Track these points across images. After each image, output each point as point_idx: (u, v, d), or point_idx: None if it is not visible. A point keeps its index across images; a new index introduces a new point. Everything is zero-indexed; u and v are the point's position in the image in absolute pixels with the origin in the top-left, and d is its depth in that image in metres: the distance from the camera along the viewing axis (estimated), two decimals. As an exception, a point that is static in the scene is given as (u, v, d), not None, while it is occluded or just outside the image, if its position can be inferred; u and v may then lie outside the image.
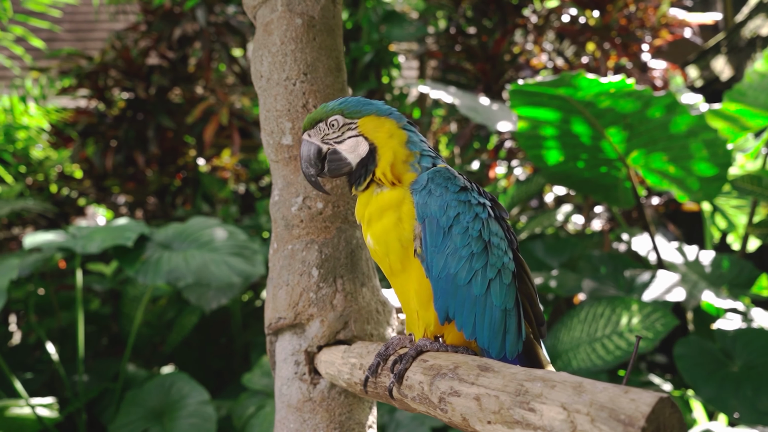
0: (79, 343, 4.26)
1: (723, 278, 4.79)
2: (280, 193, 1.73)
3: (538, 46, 6.44)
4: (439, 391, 1.17)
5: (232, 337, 5.56)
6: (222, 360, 5.59)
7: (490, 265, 1.30)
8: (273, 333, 1.74)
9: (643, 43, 6.05)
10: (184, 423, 3.63)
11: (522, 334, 1.31)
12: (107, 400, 4.41)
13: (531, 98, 3.97)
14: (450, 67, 6.51)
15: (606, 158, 4.38)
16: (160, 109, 6.25)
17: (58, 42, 9.61)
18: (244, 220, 6.17)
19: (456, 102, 4.57)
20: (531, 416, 0.99)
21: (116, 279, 5.53)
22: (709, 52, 7.60)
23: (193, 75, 6.56)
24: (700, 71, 7.44)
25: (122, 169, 6.46)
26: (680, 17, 6.14)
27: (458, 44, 6.49)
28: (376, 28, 6.74)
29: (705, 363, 3.80)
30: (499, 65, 6.12)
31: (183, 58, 6.52)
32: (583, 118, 4.03)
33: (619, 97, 3.77)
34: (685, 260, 4.82)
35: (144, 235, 4.12)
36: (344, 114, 1.38)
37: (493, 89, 6.10)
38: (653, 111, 3.83)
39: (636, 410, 0.87)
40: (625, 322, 3.91)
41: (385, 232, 1.34)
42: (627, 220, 5.99)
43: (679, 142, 4.03)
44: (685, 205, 5.94)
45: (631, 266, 4.67)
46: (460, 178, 1.35)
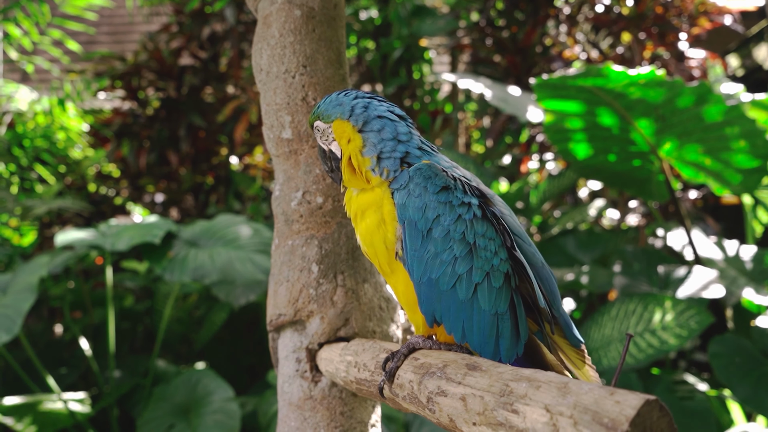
0: (110, 339, 4.33)
1: (765, 274, 4.60)
2: (280, 188, 1.71)
3: (571, 38, 6.30)
4: (427, 390, 1.13)
5: (262, 334, 5.59)
6: (253, 356, 5.62)
7: (477, 268, 1.22)
8: (274, 330, 1.71)
9: (680, 32, 5.87)
10: (209, 419, 3.65)
11: (521, 336, 1.24)
12: (138, 395, 4.47)
13: (557, 91, 3.87)
14: (480, 61, 6.42)
15: (638, 151, 4.25)
16: (192, 109, 6.33)
17: (97, 45, 9.83)
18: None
19: (485, 92, 4.49)
20: (514, 418, 0.94)
21: (149, 276, 5.61)
22: (752, 40, 7.32)
23: (225, 74, 6.62)
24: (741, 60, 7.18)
25: (156, 168, 6.57)
26: (720, 4, 5.93)
27: (489, 37, 6.39)
28: (405, 23, 6.69)
29: (741, 362, 3.66)
30: (529, 57, 6.01)
31: (214, 57, 6.59)
32: (612, 110, 3.92)
33: (649, 87, 3.64)
34: (724, 255, 4.65)
35: (171, 233, 4.16)
36: (321, 119, 1.38)
37: (523, 82, 5.99)
38: (684, 101, 3.69)
39: (620, 413, 0.81)
40: (657, 320, 3.78)
41: (370, 234, 1.30)
42: (664, 215, 5.82)
43: (714, 133, 3.88)
44: (724, 198, 5.74)
45: (665, 262, 4.53)
46: (443, 176, 1.27)
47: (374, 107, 1.35)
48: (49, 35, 6.26)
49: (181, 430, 3.65)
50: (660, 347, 3.70)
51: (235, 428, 3.55)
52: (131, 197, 6.99)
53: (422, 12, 6.79)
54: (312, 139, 1.67)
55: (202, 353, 5.46)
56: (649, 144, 4.09)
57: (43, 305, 5.80)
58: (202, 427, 3.59)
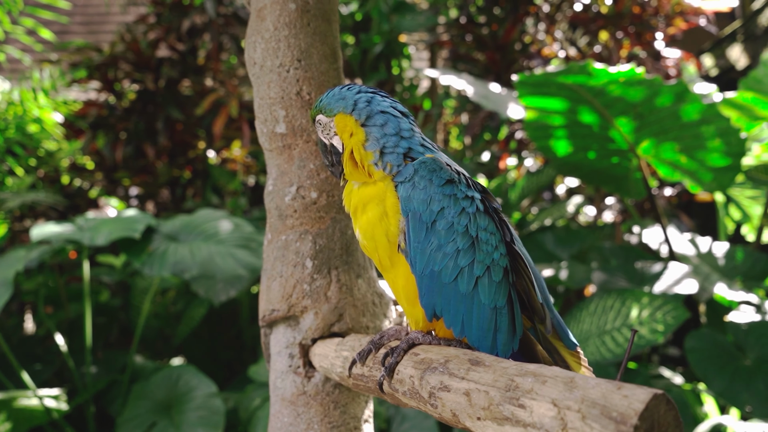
0: (87, 334, 4.27)
1: (737, 270, 4.71)
2: (274, 183, 1.70)
3: (549, 36, 6.35)
4: (429, 385, 1.13)
5: (241, 329, 5.56)
6: (231, 352, 5.59)
7: (478, 261, 1.24)
8: (267, 325, 1.70)
9: (656, 31, 5.95)
10: (192, 416, 3.62)
11: (517, 332, 1.26)
12: (115, 391, 4.41)
13: (539, 88, 3.90)
14: (460, 57, 6.45)
15: (617, 149, 4.30)
16: (169, 101, 6.25)
17: (70, 35, 9.64)
18: (253, 212, 6.15)
19: (466, 88, 4.51)
20: (521, 413, 0.95)
21: (126, 271, 5.54)
22: (725, 40, 7.46)
23: (203, 67, 6.54)
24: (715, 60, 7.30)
25: (132, 161, 6.47)
26: (695, 5, 6.03)
27: (468, 34, 6.41)
28: (386, 18, 6.68)
29: (717, 356, 3.74)
30: (509, 54, 6.05)
31: (192, 50, 6.51)
32: (592, 108, 3.96)
33: (628, 86, 3.69)
34: (697, 252, 4.74)
35: (151, 227, 4.11)
36: (324, 113, 1.38)
37: (503, 79, 6.03)
38: (663, 100, 3.75)
39: (628, 407, 0.83)
40: (635, 315, 3.84)
41: (371, 227, 1.30)
42: (639, 212, 5.91)
43: (690, 131, 3.95)
44: (698, 196, 5.85)
45: (642, 258, 4.60)
46: (447, 170, 1.28)
47: (377, 102, 1.36)
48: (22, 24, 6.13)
49: (163, 427, 3.61)
50: (637, 342, 3.76)
51: (219, 424, 3.53)
52: (106, 190, 6.89)
53: (402, 8, 6.79)
54: (306, 134, 1.66)
55: (179, 349, 5.41)
56: (628, 142, 4.15)
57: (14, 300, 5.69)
58: (186, 424, 3.55)
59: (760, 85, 4.27)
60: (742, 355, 3.74)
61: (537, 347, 1.31)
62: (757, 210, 5.05)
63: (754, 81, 4.31)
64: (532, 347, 1.30)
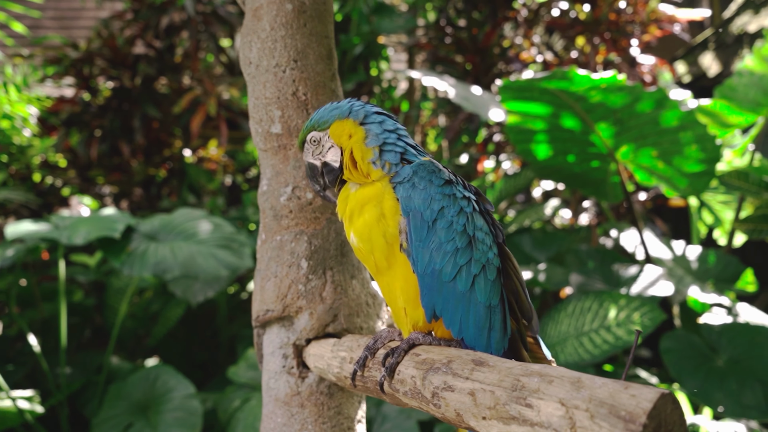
0: (62, 334, 4.20)
1: (709, 273, 4.80)
2: (268, 183, 1.69)
3: (527, 40, 6.42)
4: (432, 385, 1.14)
5: (217, 330, 5.52)
6: (207, 353, 5.54)
7: (475, 260, 1.27)
8: (260, 326, 1.70)
9: (632, 38, 6.05)
10: (170, 417, 3.58)
11: (507, 330, 1.29)
12: (90, 392, 4.35)
13: (521, 93, 3.95)
14: (439, 60, 6.48)
15: (597, 153, 4.37)
16: (146, 99, 6.17)
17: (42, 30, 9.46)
18: (231, 212, 6.11)
19: (449, 90, 4.54)
20: (528, 412, 0.96)
21: (100, 270, 5.46)
22: (697, 48, 7.61)
23: (180, 65, 6.47)
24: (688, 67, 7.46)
25: (107, 159, 6.38)
26: (669, 13, 6.14)
27: (448, 36, 6.45)
28: (365, 19, 6.69)
29: (691, 357, 3.81)
30: (488, 58, 6.10)
31: (170, 48, 6.44)
32: (573, 113, 4.02)
33: (609, 92, 3.76)
34: (673, 255, 4.83)
35: (130, 227, 4.06)
36: (316, 128, 1.40)
37: (482, 82, 6.08)
38: (642, 106, 3.82)
39: (637, 406, 0.85)
40: (612, 316, 3.90)
41: (368, 228, 1.31)
42: (615, 215, 6.00)
43: (668, 137, 4.03)
44: (671, 200, 5.97)
45: (618, 261, 4.68)
46: (445, 172, 1.33)
47: (371, 107, 1.40)
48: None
49: (140, 428, 3.57)
50: (615, 343, 3.82)
51: (197, 425, 3.50)
52: (79, 189, 6.78)
53: (382, 9, 6.81)
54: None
55: (155, 349, 5.35)
56: (607, 147, 4.22)
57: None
58: (163, 425, 3.52)
59: (734, 93, 4.37)
60: (715, 356, 3.82)
61: (522, 348, 1.33)
62: (729, 215, 5.17)
63: (728, 89, 4.41)
64: (518, 348, 1.33)
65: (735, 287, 4.70)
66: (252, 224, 5.90)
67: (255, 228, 5.85)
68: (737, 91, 4.36)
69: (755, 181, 4.16)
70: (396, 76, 7.63)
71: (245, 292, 5.80)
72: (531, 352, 1.35)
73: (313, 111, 1.67)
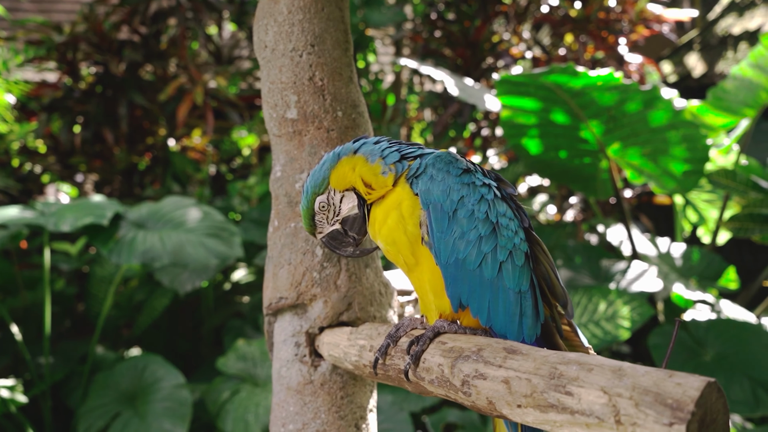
0: (46, 323, 4.12)
1: (693, 270, 4.87)
2: (282, 169, 1.67)
3: (516, 36, 6.44)
4: (462, 373, 1.13)
5: (200, 321, 5.46)
6: (189, 343, 5.48)
7: (500, 246, 1.27)
8: (272, 313, 1.68)
9: (621, 36, 6.10)
10: (158, 407, 3.54)
11: (540, 316, 1.28)
12: (74, 382, 4.28)
13: (518, 87, 3.96)
14: (429, 53, 6.47)
15: (588, 149, 4.40)
16: (131, 86, 6.06)
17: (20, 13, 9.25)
18: (216, 202, 6.05)
19: (445, 79, 4.55)
20: (568, 400, 0.96)
21: (83, 258, 5.37)
22: (683, 48, 7.71)
23: (166, 52, 6.37)
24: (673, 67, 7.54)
25: (89, 146, 6.26)
26: (657, 12, 6.20)
27: (438, 30, 6.45)
28: (354, 11, 6.65)
29: (679, 352, 3.87)
30: (479, 52, 6.11)
31: (156, 34, 6.33)
32: (568, 109, 4.04)
33: (605, 89, 3.78)
34: (658, 252, 4.89)
35: (118, 214, 3.99)
36: (319, 192, 1.40)
37: (472, 76, 6.08)
38: (636, 104, 3.86)
39: (684, 394, 0.85)
40: (601, 311, 3.94)
41: (391, 232, 1.33)
42: (602, 211, 6.06)
43: (659, 135, 4.07)
44: (656, 198, 6.03)
45: (605, 256, 4.72)
46: (463, 161, 1.33)
47: (348, 143, 1.42)
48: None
49: (127, 418, 3.52)
50: (604, 338, 3.86)
51: (186, 416, 3.46)
52: (60, 175, 6.65)
53: (372, 2, 6.77)
54: (318, 121, 1.64)
55: (136, 339, 5.28)
56: (599, 143, 4.25)
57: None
58: (151, 415, 3.47)
59: (726, 95, 4.44)
60: (702, 352, 3.88)
61: (556, 335, 1.33)
62: (713, 213, 5.25)
63: (722, 91, 4.48)
64: (551, 335, 1.32)
65: (718, 284, 4.78)
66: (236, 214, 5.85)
67: (239, 218, 5.79)
68: (730, 94, 4.43)
69: (743, 180, 4.22)
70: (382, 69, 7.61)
71: (228, 283, 5.75)
72: (566, 339, 1.34)
73: (330, 97, 1.65)
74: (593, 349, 1.36)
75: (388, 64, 8.45)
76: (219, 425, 3.60)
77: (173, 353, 5.24)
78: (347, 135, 1.65)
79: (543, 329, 1.30)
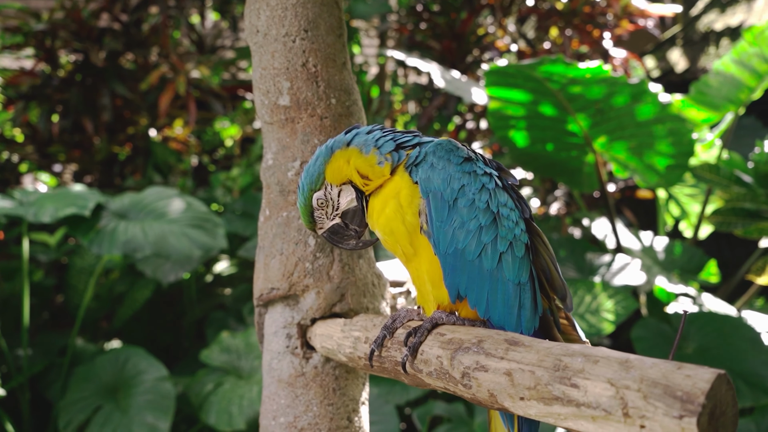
0: (24, 315, 4.04)
1: (675, 264, 4.91)
2: (274, 157, 1.63)
3: (501, 29, 6.43)
4: (463, 366, 1.11)
5: (182, 312, 5.39)
6: (171, 335, 5.41)
7: (501, 237, 1.25)
8: (263, 305, 1.64)
9: (606, 30, 6.12)
10: (141, 400, 3.48)
11: (538, 308, 1.27)
12: (53, 375, 4.20)
13: (506, 78, 3.94)
14: (415, 45, 6.44)
15: (575, 142, 4.40)
16: (111, 75, 5.95)
17: (-4, -2, 9.03)
18: (199, 193, 5.97)
19: (432, 71, 4.52)
20: (573, 392, 0.94)
21: (61, 249, 5.27)
22: (665, 44, 7.76)
23: (147, 40, 6.26)
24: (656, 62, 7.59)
25: (68, 135, 6.14)
26: (642, 8, 6.22)
27: (424, 21, 6.42)
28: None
29: (661, 344, 3.89)
30: (465, 45, 6.09)
31: (137, 22, 6.22)
32: (555, 101, 4.03)
33: (592, 82, 3.78)
34: (641, 246, 4.92)
35: (100, 204, 3.92)
36: (315, 188, 1.37)
37: (457, 68, 6.06)
38: (623, 97, 3.86)
39: (693, 386, 0.83)
40: (586, 304, 3.95)
41: (389, 221, 1.30)
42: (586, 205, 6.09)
43: (646, 129, 4.09)
44: (639, 192, 6.07)
45: (590, 250, 4.74)
46: (464, 149, 1.31)
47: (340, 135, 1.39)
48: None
49: (109, 412, 3.46)
50: (588, 331, 3.87)
51: (169, 409, 3.41)
52: (38, 165, 6.53)
53: (358, -8, 6.72)
54: (311, 108, 1.60)
55: (116, 332, 5.20)
56: (586, 136, 4.25)
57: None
58: (134, 409, 3.42)
59: (709, 89, 4.46)
60: (685, 345, 3.91)
61: (554, 328, 1.31)
62: (695, 207, 5.29)
63: (705, 86, 4.50)
64: (549, 328, 1.30)
65: (699, 278, 4.82)
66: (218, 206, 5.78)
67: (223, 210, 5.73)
68: (712, 88, 4.45)
69: (726, 175, 4.26)
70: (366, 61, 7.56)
71: (210, 275, 5.69)
72: (564, 333, 1.32)
73: (323, 83, 1.61)
74: (589, 343, 1.34)
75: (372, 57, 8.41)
76: (202, 418, 3.56)
77: (154, 345, 5.17)
78: (341, 123, 1.61)
79: (541, 322, 1.29)
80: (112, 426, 3.45)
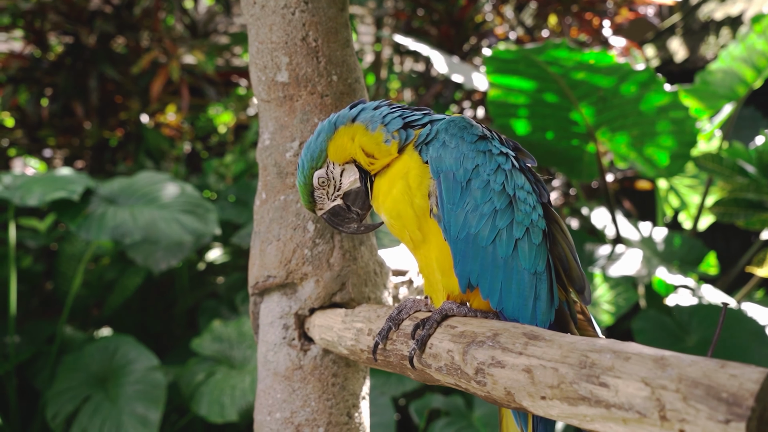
0: (11, 302, 3.94)
1: (674, 255, 4.85)
2: (271, 137, 1.54)
3: (499, 16, 6.33)
4: (477, 361, 1.03)
5: (173, 300, 5.30)
6: (161, 324, 5.32)
7: (517, 222, 1.16)
8: (258, 293, 1.55)
9: (605, 18, 6.03)
10: (130, 389, 3.39)
11: (554, 301, 1.17)
12: (41, 362, 4.10)
13: (508, 65, 3.85)
14: (412, 31, 6.33)
15: (577, 131, 4.32)
16: (102, 58, 5.81)
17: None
18: (192, 180, 5.87)
19: (433, 56, 4.43)
20: (602, 392, 0.85)
21: (51, 235, 5.16)
22: (665, 33, 7.67)
23: (139, 23, 6.12)
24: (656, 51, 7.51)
25: (58, 119, 6.01)
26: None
27: (421, 7, 6.31)
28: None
29: (662, 337, 3.83)
30: (463, 31, 5.99)
31: (128, 5, 6.08)
32: (558, 89, 3.95)
33: (596, 69, 3.69)
34: (640, 236, 4.85)
35: (89, 189, 3.81)
36: (317, 165, 1.28)
37: (456, 54, 5.96)
38: (628, 86, 3.78)
39: (740, 387, 0.75)
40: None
41: (396, 203, 1.21)
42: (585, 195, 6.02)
43: (648, 118, 4.01)
44: (638, 182, 6.00)
45: (589, 240, 4.67)
46: (479, 127, 1.21)
47: (345, 109, 1.31)
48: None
49: (98, 401, 3.37)
50: (588, 322, 3.80)
51: (160, 399, 3.32)
52: (27, 150, 6.40)
53: (354, -23, 6.60)
54: (311, 85, 1.51)
55: (106, 319, 5.11)
56: (588, 125, 4.17)
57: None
58: (123, 398, 3.33)
59: (713, 78, 4.39)
60: (686, 337, 3.85)
61: (570, 322, 1.22)
62: (695, 199, 5.22)
63: (709, 74, 4.42)
64: (566, 322, 1.22)
65: (698, 269, 4.76)
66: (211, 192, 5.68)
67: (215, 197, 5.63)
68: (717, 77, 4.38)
69: (728, 165, 4.19)
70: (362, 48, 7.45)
71: (203, 263, 5.60)
72: (579, 329, 1.23)
73: (324, 59, 1.52)
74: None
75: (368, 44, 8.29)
76: (193, 408, 3.48)
77: (145, 334, 5.08)
78: (343, 101, 1.52)
79: (557, 315, 1.20)
80: (101, 417, 3.35)
